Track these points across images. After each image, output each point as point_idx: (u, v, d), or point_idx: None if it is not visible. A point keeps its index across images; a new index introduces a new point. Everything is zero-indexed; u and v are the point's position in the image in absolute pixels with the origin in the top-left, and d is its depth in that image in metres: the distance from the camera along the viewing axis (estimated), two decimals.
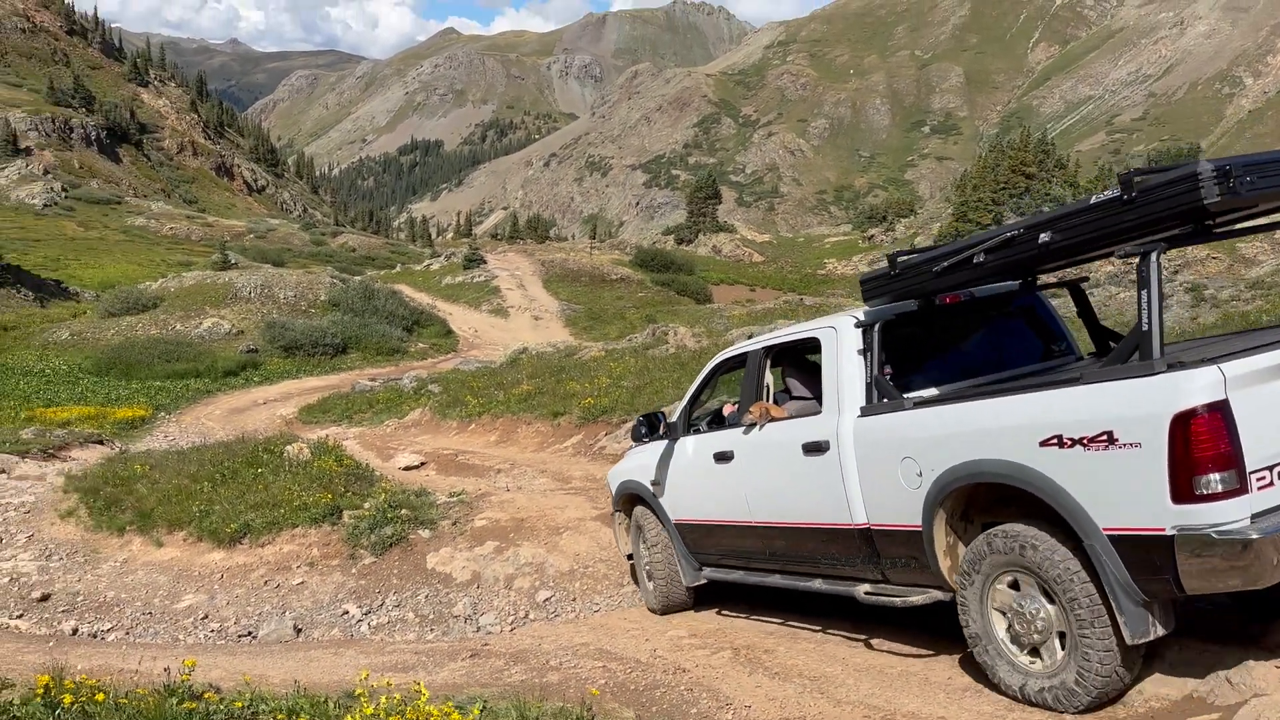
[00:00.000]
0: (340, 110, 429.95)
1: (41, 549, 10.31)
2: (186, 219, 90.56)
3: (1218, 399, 3.87)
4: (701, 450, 6.69)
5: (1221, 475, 3.85)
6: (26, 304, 43.02)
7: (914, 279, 5.34)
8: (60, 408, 23.61)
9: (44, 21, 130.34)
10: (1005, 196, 67.33)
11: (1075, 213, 4.47)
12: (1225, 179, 3.92)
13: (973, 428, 4.68)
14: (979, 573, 4.68)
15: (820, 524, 5.62)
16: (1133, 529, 4.06)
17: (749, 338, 7.41)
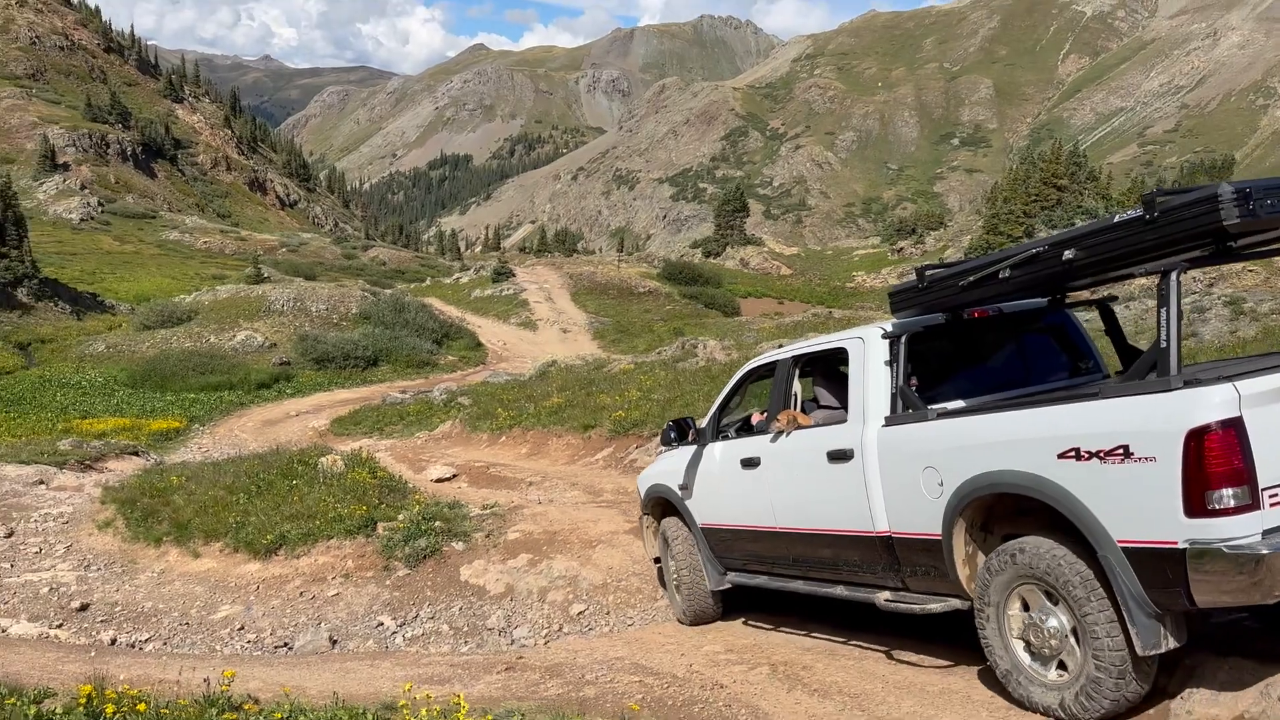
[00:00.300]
0: (371, 126, 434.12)
1: (80, 559, 10.43)
2: (220, 233, 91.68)
3: (1231, 416, 3.93)
4: (729, 456, 6.80)
5: (1234, 491, 3.91)
6: (64, 317, 43.64)
7: (941, 293, 5.42)
8: (96, 419, 23.94)
9: (82, 39, 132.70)
10: (1037, 209, 66.80)
11: (1099, 231, 4.57)
12: (1245, 201, 4.00)
13: (992, 439, 4.76)
14: (994, 583, 4.76)
15: (843, 530, 5.71)
16: (1146, 541, 4.12)
17: (778, 347, 7.43)
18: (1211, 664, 4.57)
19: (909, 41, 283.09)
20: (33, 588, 9.55)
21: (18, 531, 11.49)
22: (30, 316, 41.69)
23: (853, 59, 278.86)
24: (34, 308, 42.76)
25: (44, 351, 36.65)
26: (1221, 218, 4.04)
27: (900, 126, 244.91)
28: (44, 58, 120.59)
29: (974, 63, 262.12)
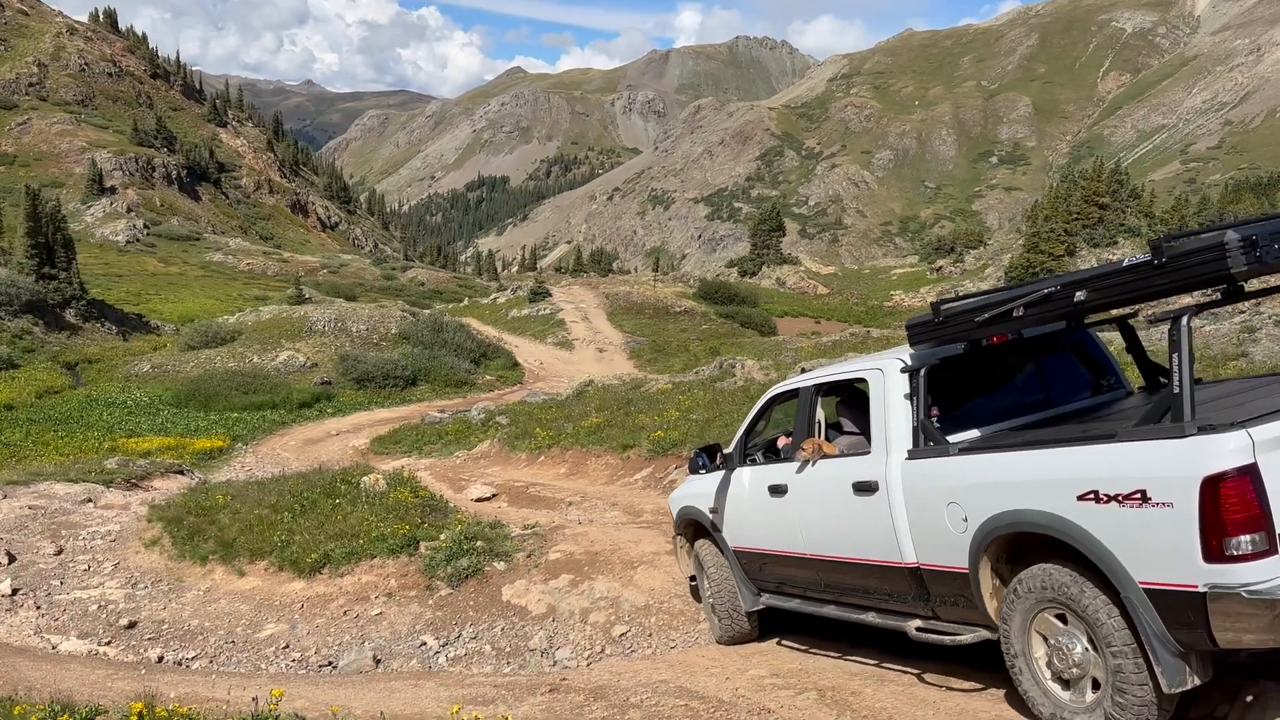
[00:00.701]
0: (410, 148, 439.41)
1: (128, 577, 10.56)
2: (263, 255, 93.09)
3: (1246, 463, 3.96)
4: (757, 482, 6.88)
5: (1251, 537, 3.94)
6: (110, 337, 44.43)
7: (957, 326, 5.44)
8: (142, 438, 24.31)
9: (130, 66, 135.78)
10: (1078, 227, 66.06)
11: (1109, 274, 4.62)
12: (1252, 249, 4.03)
13: (1014, 478, 4.83)
14: (1019, 610, 4.83)
15: (871, 560, 5.78)
16: (1167, 584, 4.16)
17: (801, 372, 7.46)
18: (1275, 693, 4.45)
19: (946, 60, 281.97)
20: (82, 605, 9.68)
21: (67, 549, 11.67)
22: (78, 337, 42.50)
23: (889, 78, 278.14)
24: (82, 328, 43.61)
25: (91, 371, 37.33)
26: (1229, 265, 4.06)
27: (938, 145, 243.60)
28: (93, 84, 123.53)
29: (1012, 80, 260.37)
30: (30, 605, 9.58)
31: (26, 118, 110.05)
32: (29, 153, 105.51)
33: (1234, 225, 4.26)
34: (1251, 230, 4.10)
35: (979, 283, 72.33)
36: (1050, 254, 65.89)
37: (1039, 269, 66.06)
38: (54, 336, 41.16)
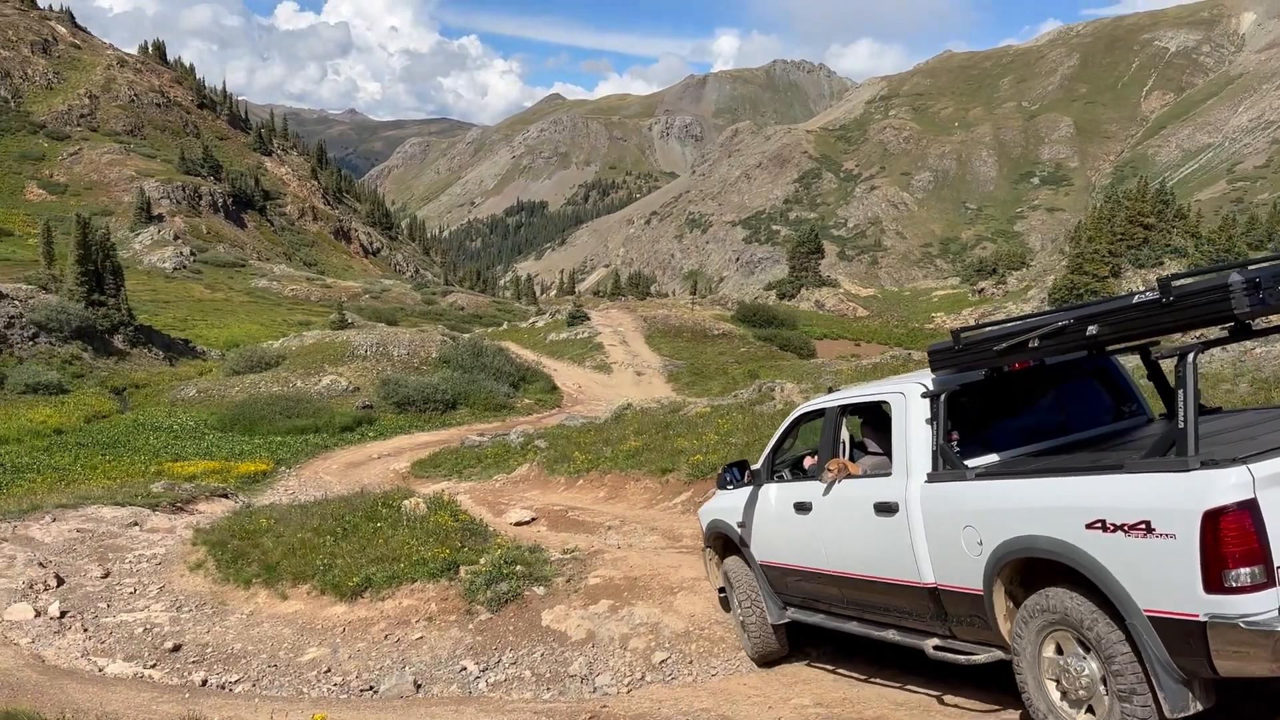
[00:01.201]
0: (451, 175, 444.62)
1: (172, 600, 10.68)
2: (306, 281, 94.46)
3: (1246, 498, 4.08)
4: (783, 499, 7.06)
5: (1249, 570, 4.07)
6: (157, 363, 45.22)
7: (976, 354, 5.57)
8: (187, 462, 24.64)
9: (177, 96, 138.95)
10: (1123, 248, 65.22)
11: (1120, 310, 4.77)
12: (1255, 290, 4.16)
13: (1026, 505, 4.96)
14: (1030, 633, 4.96)
15: (891, 579, 5.91)
16: (1169, 612, 4.29)
17: (829, 391, 7.62)
18: None
19: (986, 81, 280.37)
20: (128, 628, 9.80)
21: (114, 572, 11.83)
22: (126, 362, 43.31)
23: (928, 99, 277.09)
24: (129, 354, 44.44)
25: (138, 396, 37.99)
26: (1232, 307, 4.20)
27: (978, 166, 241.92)
28: (142, 114, 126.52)
29: (1053, 101, 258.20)
30: (78, 628, 9.70)
31: (78, 148, 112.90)
32: (80, 182, 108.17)
33: (1240, 266, 4.40)
34: (1255, 272, 4.22)
35: (1022, 304, 71.51)
36: (1095, 275, 65.05)
37: (1083, 290, 65.24)
38: (102, 362, 41.98)
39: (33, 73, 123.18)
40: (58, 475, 22.33)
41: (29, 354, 38.38)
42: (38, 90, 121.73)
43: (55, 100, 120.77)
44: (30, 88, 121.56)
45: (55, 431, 29.08)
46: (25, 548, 12.48)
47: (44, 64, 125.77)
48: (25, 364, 37.00)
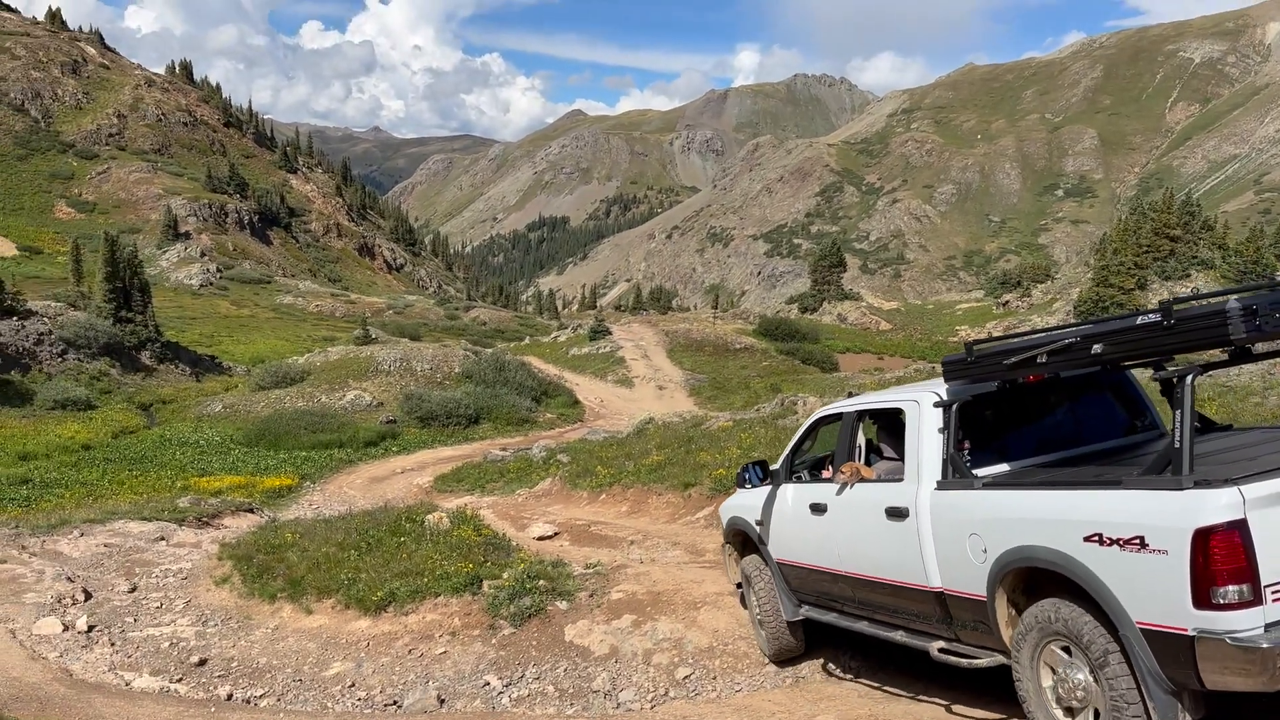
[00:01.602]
0: (473, 191, 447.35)
1: (199, 614, 10.74)
2: (331, 297, 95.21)
3: (1236, 518, 4.20)
4: (800, 499, 7.25)
5: (1237, 588, 4.19)
6: (184, 379, 45.65)
7: (987, 366, 5.68)
8: (213, 477, 24.84)
9: (204, 115, 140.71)
10: (1149, 260, 64.66)
11: (1124, 330, 4.87)
12: (1252, 317, 4.28)
13: (1028, 515, 5.11)
14: (1029, 640, 5.11)
15: (900, 582, 6.06)
16: (1160, 626, 4.41)
17: (849, 395, 7.77)
18: None
19: (1008, 93, 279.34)
20: (154, 642, 9.86)
21: (140, 587, 11.92)
22: (153, 378, 43.75)
23: (950, 112, 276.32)
24: (156, 370, 44.90)
25: (165, 412, 38.35)
26: (1229, 332, 4.31)
27: (1001, 178, 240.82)
28: (169, 133, 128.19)
29: (1077, 113, 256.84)
30: (105, 642, 9.78)
31: (106, 167, 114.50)
32: (108, 200, 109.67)
33: (1239, 291, 4.54)
34: (1254, 300, 4.33)
35: (1047, 317, 70.99)
36: (1120, 288, 64.52)
37: (1109, 303, 64.70)
38: (130, 378, 42.43)
39: (62, 93, 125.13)
40: (86, 491, 22.56)
41: (58, 370, 38.86)
42: (67, 110, 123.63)
43: (84, 120, 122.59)
44: (60, 108, 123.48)
45: (83, 447, 29.40)
46: (54, 562, 12.61)
47: (73, 84, 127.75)
48: (54, 380, 37.46)
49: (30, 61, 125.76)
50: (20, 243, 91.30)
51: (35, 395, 35.50)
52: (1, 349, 36.91)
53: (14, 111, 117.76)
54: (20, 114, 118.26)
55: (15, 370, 36.94)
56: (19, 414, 33.69)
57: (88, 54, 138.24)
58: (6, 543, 13.29)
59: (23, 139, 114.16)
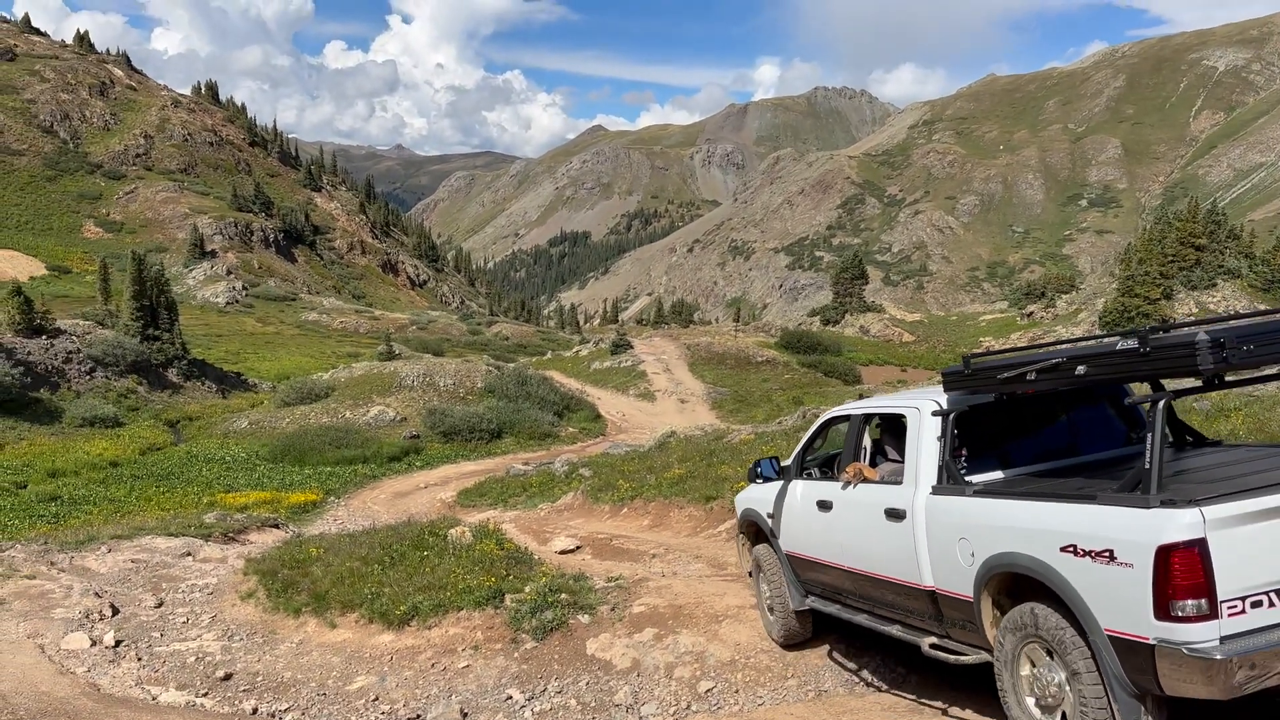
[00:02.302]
0: (495, 207, 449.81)
1: (224, 629, 10.83)
2: (355, 313, 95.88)
3: (1196, 538, 4.46)
4: (808, 495, 7.59)
5: (1195, 603, 4.46)
6: (210, 395, 46.07)
7: (983, 379, 5.99)
8: (239, 493, 25.03)
9: (229, 135, 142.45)
10: (1174, 270, 64.08)
11: (1105, 355, 5.19)
12: (1219, 349, 4.57)
13: (1012, 524, 5.41)
14: (1010, 641, 5.43)
15: (897, 580, 6.39)
16: (1125, 634, 4.70)
17: (860, 397, 8.10)
18: None
19: (1031, 104, 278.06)
20: (180, 657, 9.95)
21: (167, 602, 12.03)
22: (180, 395, 44.19)
23: (972, 123, 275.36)
24: (183, 387, 45.34)
25: (191, 429, 38.71)
26: (1198, 363, 4.61)
27: (1024, 189, 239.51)
28: (195, 153, 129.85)
29: (1100, 122, 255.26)
30: (132, 657, 9.87)
31: (133, 187, 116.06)
32: (135, 219, 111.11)
33: (1210, 322, 4.90)
34: (1222, 332, 4.62)
35: (1072, 328, 70.46)
36: (1146, 297, 63.98)
37: (1134, 313, 64.16)
38: (157, 395, 42.87)
39: (91, 114, 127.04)
40: (113, 507, 22.80)
41: (86, 388, 39.33)
42: (95, 131, 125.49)
43: (112, 141, 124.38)
44: (88, 129, 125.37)
45: (111, 464, 29.71)
46: (82, 578, 12.75)
47: (101, 106, 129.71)
48: (83, 398, 37.92)
49: (59, 84, 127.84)
50: (49, 262, 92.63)
51: (64, 413, 35.93)
52: (31, 367, 37.40)
53: (43, 133, 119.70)
54: (49, 136, 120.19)
55: (45, 388, 37.42)
56: (48, 431, 34.12)
57: (115, 76, 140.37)
58: (36, 559, 13.44)
59: (52, 160, 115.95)
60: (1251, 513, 4.60)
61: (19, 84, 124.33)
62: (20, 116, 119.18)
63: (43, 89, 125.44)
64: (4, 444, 31.76)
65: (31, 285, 68.20)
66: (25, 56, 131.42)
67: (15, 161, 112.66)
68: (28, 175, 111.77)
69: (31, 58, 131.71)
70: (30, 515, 21.62)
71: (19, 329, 39.75)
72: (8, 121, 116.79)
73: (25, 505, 22.90)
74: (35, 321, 40.51)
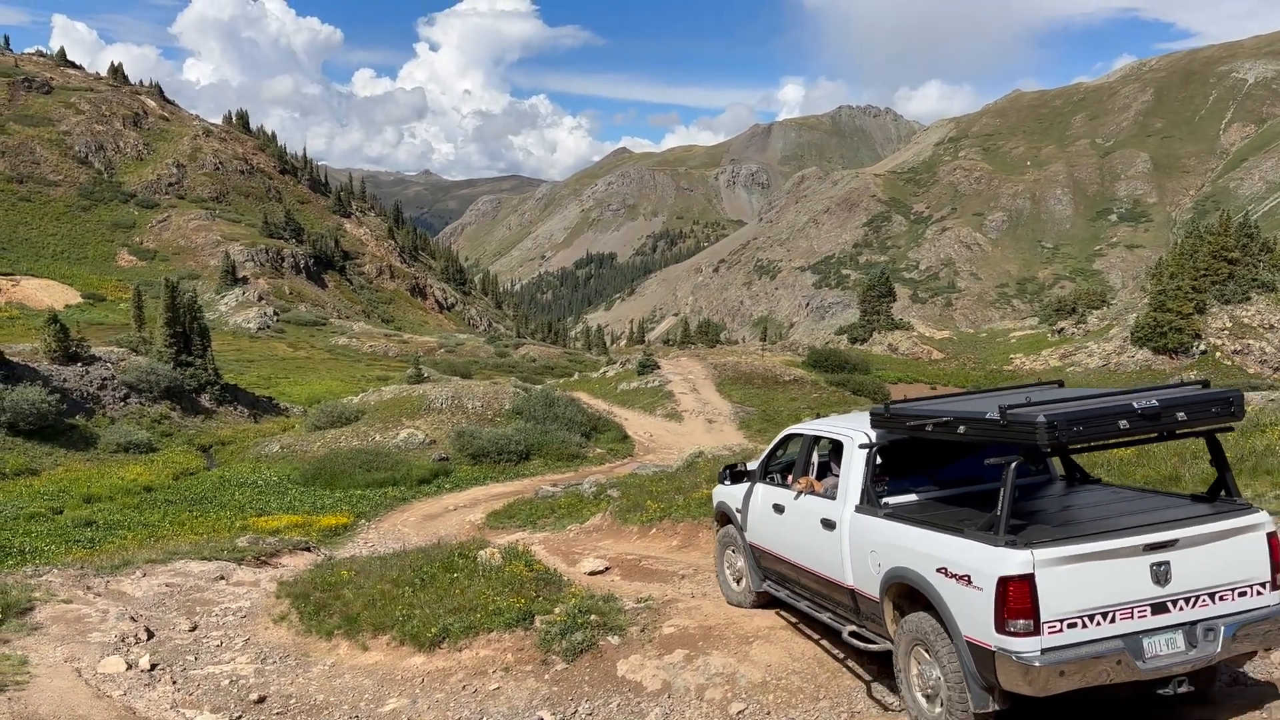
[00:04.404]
0: (522, 230, 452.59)
1: (257, 652, 10.90)
2: (384, 337, 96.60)
3: (1026, 573, 5.82)
4: (767, 498, 9.09)
5: (1024, 622, 5.82)
6: (242, 420, 46.50)
7: (897, 422, 7.30)
8: (271, 516, 25.18)
9: (260, 163, 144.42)
10: (1207, 284, 63.31)
11: (978, 420, 6.35)
12: (1053, 430, 5.78)
13: (906, 545, 6.73)
14: (903, 640, 6.77)
15: (828, 577, 7.84)
16: (977, 640, 6.05)
17: (815, 417, 9.03)
18: None
19: (1057, 119, 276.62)
20: (214, 680, 10.03)
21: (201, 625, 12.13)
22: (212, 420, 44.65)
23: (998, 139, 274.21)
24: (216, 412, 45.82)
25: (224, 453, 39.05)
26: (1036, 440, 5.85)
27: (1053, 204, 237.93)
28: (226, 181, 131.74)
29: (1128, 137, 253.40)
30: (167, 680, 9.96)
31: (166, 215, 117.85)
32: (168, 247, 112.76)
33: (1050, 404, 6.09)
34: (1057, 415, 5.81)
35: (1104, 343, 69.71)
36: (1179, 312, 63.23)
37: (1167, 327, 63.40)
38: (190, 420, 43.35)
39: (124, 145, 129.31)
40: (148, 531, 23.02)
41: (120, 414, 39.84)
42: (129, 161, 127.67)
43: (145, 170, 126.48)
44: (122, 159, 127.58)
45: (145, 489, 30.01)
46: (117, 602, 12.89)
47: (135, 136, 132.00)
48: (117, 424, 38.40)
49: (94, 115, 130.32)
50: (85, 290, 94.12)
51: (99, 439, 36.40)
52: (67, 394, 37.96)
53: (78, 164, 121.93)
54: (84, 166, 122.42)
55: (80, 414, 37.96)
56: (84, 457, 34.56)
57: (148, 106, 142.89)
58: (72, 583, 13.60)
59: (87, 190, 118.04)
60: (1071, 555, 5.89)
61: (55, 116, 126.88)
62: (56, 148, 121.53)
63: (78, 120, 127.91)
64: (40, 470, 32.21)
65: (67, 313, 69.32)
66: (61, 89, 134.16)
67: (51, 192, 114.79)
68: (63, 205, 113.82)
69: (67, 90, 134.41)
70: (66, 540, 21.87)
71: (55, 357, 40.39)
72: (44, 153, 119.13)
73: (61, 530, 23.17)
74: (71, 349, 41.15)
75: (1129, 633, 5.92)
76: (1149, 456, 13.01)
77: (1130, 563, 5.94)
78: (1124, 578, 5.93)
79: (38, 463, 32.87)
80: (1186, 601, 6.03)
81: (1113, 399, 6.17)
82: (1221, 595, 6.11)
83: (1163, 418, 6.03)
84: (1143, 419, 5.98)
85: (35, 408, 34.47)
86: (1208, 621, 6.06)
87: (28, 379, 36.73)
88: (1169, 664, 5.93)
